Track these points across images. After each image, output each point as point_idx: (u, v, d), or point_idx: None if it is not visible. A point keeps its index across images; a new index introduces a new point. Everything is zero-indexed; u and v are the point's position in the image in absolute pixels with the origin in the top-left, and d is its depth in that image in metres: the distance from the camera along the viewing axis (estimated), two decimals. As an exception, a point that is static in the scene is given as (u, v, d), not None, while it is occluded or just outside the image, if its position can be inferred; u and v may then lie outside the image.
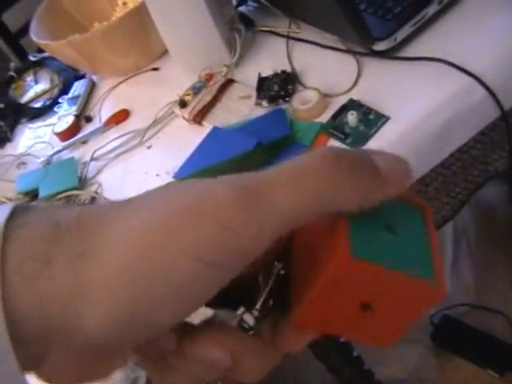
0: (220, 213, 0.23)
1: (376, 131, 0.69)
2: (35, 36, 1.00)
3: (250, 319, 0.28)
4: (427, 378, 1.38)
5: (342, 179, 0.24)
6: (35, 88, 1.18)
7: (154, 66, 1.03)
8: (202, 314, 0.28)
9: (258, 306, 0.28)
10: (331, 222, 0.26)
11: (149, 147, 0.86)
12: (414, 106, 0.70)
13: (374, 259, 0.24)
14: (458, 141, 0.71)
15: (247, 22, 0.94)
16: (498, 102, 0.68)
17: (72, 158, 0.89)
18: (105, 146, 0.89)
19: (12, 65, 1.30)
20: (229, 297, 0.28)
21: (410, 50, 0.76)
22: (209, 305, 0.27)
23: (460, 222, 1.61)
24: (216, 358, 0.27)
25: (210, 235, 0.23)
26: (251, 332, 0.28)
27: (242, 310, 0.28)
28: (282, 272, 0.29)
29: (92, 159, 0.88)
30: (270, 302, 0.29)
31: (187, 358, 0.27)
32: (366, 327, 0.27)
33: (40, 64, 1.23)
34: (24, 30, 1.88)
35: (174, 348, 0.27)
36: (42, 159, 0.92)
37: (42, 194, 0.83)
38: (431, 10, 0.76)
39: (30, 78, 1.22)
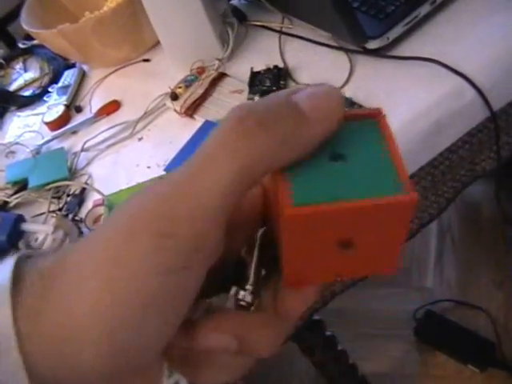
0: (153, 224, 0.23)
1: (367, 129, 0.70)
2: (25, 24, 0.99)
3: (245, 296, 0.28)
4: (410, 372, 1.39)
5: (250, 137, 0.22)
6: (24, 76, 1.17)
7: (145, 57, 1.03)
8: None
9: (250, 281, 0.28)
10: (272, 178, 0.24)
11: (140, 139, 0.86)
12: (405, 104, 0.70)
13: (322, 198, 0.23)
14: (447, 140, 0.72)
15: (240, 16, 0.94)
16: (487, 103, 0.69)
17: (62, 148, 0.89)
18: (95, 136, 0.89)
19: (0, 52, 1.29)
20: (222, 281, 0.28)
21: (402, 50, 0.76)
22: (203, 296, 0.27)
23: (445, 220, 1.63)
24: (220, 344, 0.26)
25: (155, 247, 0.23)
26: (252, 308, 0.28)
27: (234, 289, 0.28)
28: (259, 234, 0.28)
29: (82, 150, 0.87)
30: (263, 272, 0.28)
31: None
32: (356, 262, 0.26)
33: (29, 52, 1.22)
34: (11, 16, 1.86)
35: (188, 344, 0.27)
36: (31, 148, 0.92)
37: (32, 184, 0.83)
38: (423, 10, 0.77)
39: (18, 66, 1.21)
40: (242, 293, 0.28)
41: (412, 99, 0.70)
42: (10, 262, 0.24)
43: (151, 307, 0.23)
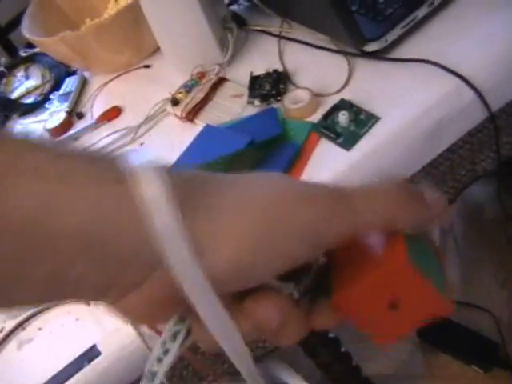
0: (322, 208, 0.28)
1: (367, 131, 0.70)
2: (27, 32, 1.00)
3: (297, 293, 0.32)
4: (414, 374, 1.39)
5: (404, 203, 0.30)
6: (26, 84, 1.17)
7: (146, 63, 1.03)
8: None
9: (305, 284, 0.33)
10: (388, 233, 0.31)
11: (141, 144, 0.87)
12: (405, 106, 0.71)
13: (419, 266, 0.30)
14: (446, 141, 0.73)
15: (239, 21, 0.95)
16: (486, 103, 0.70)
17: (64, 154, 0.89)
18: (97, 142, 0.89)
19: (2, 60, 1.30)
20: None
21: (401, 52, 0.77)
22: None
23: (446, 220, 1.63)
24: (271, 317, 0.30)
25: (314, 223, 0.28)
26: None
27: (292, 284, 0.32)
28: (322, 261, 0.34)
29: (84, 156, 0.88)
30: (311, 286, 0.33)
31: (238, 315, 0.30)
32: (383, 325, 0.32)
33: (31, 60, 1.22)
34: (12, 24, 1.87)
35: (226, 305, 0.30)
36: (34, 155, 0.92)
37: (35, 190, 0.83)
38: (421, 12, 0.77)
39: (20, 74, 1.22)
40: (296, 289, 0.33)
41: (411, 101, 0.71)
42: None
43: (283, 258, 0.29)
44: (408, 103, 0.71)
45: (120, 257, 0.26)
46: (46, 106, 1.07)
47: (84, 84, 1.08)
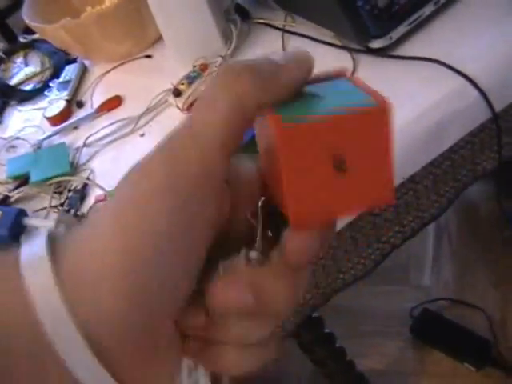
0: (164, 160, 0.26)
1: (370, 128, 0.70)
2: (27, 18, 0.99)
3: (254, 254, 0.28)
4: (406, 370, 1.40)
5: (240, 80, 0.26)
6: (25, 70, 1.16)
7: (147, 53, 1.03)
8: None
9: (257, 240, 0.29)
10: (263, 120, 0.27)
11: (141, 135, 0.87)
12: (408, 104, 0.70)
13: (307, 117, 0.26)
14: (449, 140, 0.72)
15: (243, 13, 0.94)
16: (489, 103, 0.69)
17: (63, 143, 0.89)
18: (97, 132, 0.89)
19: (0, 45, 1.29)
20: (231, 248, 0.29)
21: (406, 49, 0.76)
22: (215, 260, 0.28)
23: (442, 219, 1.63)
24: (237, 299, 0.27)
25: (167, 187, 0.25)
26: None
27: (244, 250, 0.28)
28: (261, 201, 0.29)
29: (84, 145, 0.88)
30: (269, 234, 0.29)
31: (218, 322, 0.28)
32: (353, 190, 0.27)
33: (30, 46, 1.21)
34: (10, 9, 1.85)
35: (203, 321, 0.27)
36: (33, 143, 0.92)
37: (34, 178, 0.83)
38: (427, 10, 0.77)
39: (19, 60, 1.21)
40: (251, 252, 0.28)
41: (415, 99, 0.70)
42: (42, 236, 0.25)
43: (165, 246, 0.24)
44: (411, 101, 0.70)
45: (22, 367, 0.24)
46: (46, 93, 1.06)
47: (84, 72, 1.07)
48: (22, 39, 1.23)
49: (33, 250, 0.25)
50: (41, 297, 0.23)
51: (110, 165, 0.84)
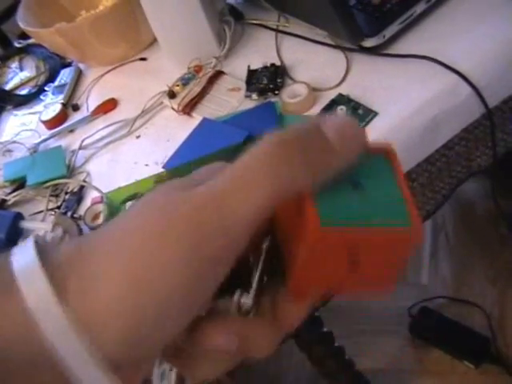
0: (190, 232, 0.24)
1: (364, 126, 0.70)
2: (22, 23, 0.99)
3: (247, 300, 0.29)
4: (405, 368, 1.40)
5: (290, 163, 0.25)
6: (20, 75, 1.17)
7: (142, 55, 1.03)
8: None
9: (253, 286, 0.29)
10: (298, 199, 0.26)
11: (137, 137, 0.87)
12: (402, 102, 0.71)
13: (345, 222, 0.26)
14: (443, 137, 0.73)
15: (237, 14, 0.95)
16: (483, 100, 0.70)
17: (60, 146, 0.89)
18: (93, 135, 0.89)
19: (-5, 51, 1.29)
20: (228, 284, 0.29)
21: (399, 48, 0.77)
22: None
23: (439, 217, 1.64)
24: (222, 344, 0.28)
25: (189, 251, 0.24)
26: (251, 314, 0.29)
27: (238, 293, 0.29)
28: (266, 245, 0.30)
29: (80, 148, 0.88)
30: (265, 278, 0.30)
31: (195, 352, 0.29)
32: (357, 279, 0.28)
33: (25, 51, 1.22)
34: (5, 15, 1.85)
35: (184, 340, 0.28)
36: (29, 147, 0.92)
37: (30, 182, 0.83)
38: (419, 8, 0.77)
39: (14, 65, 1.21)
40: (244, 297, 0.29)
41: (408, 96, 0.71)
42: (29, 244, 0.25)
43: (173, 304, 0.25)
44: (405, 99, 0.71)
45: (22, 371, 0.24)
46: (41, 97, 1.06)
47: (79, 76, 1.07)
48: (16, 44, 1.24)
49: (25, 259, 0.25)
50: (38, 303, 0.24)
51: (107, 167, 0.84)
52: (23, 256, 0.25)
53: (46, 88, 1.07)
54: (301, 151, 0.25)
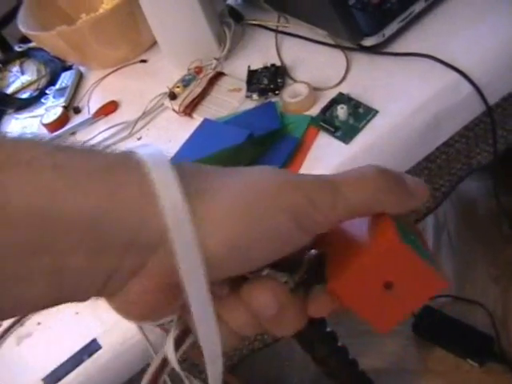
0: (309, 191, 0.29)
1: (365, 125, 0.71)
2: (23, 26, 1.00)
3: (292, 282, 0.33)
4: (408, 368, 1.40)
5: (389, 188, 0.31)
6: (21, 79, 1.17)
7: (142, 57, 1.03)
8: None
9: (299, 274, 0.34)
10: (375, 216, 0.32)
11: (139, 139, 0.87)
12: (402, 100, 0.71)
13: (409, 245, 0.30)
14: (443, 135, 0.73)
15: (236, 15, 0.95)
16: (483, 97, 0.70)
17: (61, 149, 0.89)
18: (94, 137, 0.89)
19: (-4, 55, 1.30)
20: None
21: (398, 46, 0.77)
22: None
23: (441, 215, 1.64)
24: (267, 304, 0.31)
25: (301, 204, 0.29)
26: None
27: (287, 273, 0.33)
28: (313, 253, 0.35)
29: (82, 150, 0.88)
30: (305, 276, 0.34)
31: (236, 306, 0.32)
32: (381, 308, 0.32)
33: (26, 55, 1.22)
34: (6, 19, 1.86)
35: (224, 295, 0.31)
36: (31, 150, 0.92)
37: (32, 184, 0.83)
38: (418, 6, 0.78)
39: (15, 69, 1.22)
40: (291, 278, 0.33)
41: (409, 95, 0.71)
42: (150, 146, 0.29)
43: (273, 237, 0.29)
44: (406, 97, 0.71)
45: (120, 241, 0.26)
46: (42, 100, 1.07)
47: (80, 79, 1.08)
48: (17, 48, 1.24)
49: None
50: (164, 192, 0.26)
51: (108, 169, 0.84)
52: (149, 149, 0.28)
53: (47, 91, 1.08)
54: (396, 184, 0.31)
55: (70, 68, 1.10)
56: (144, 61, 1.03)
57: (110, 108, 0.95)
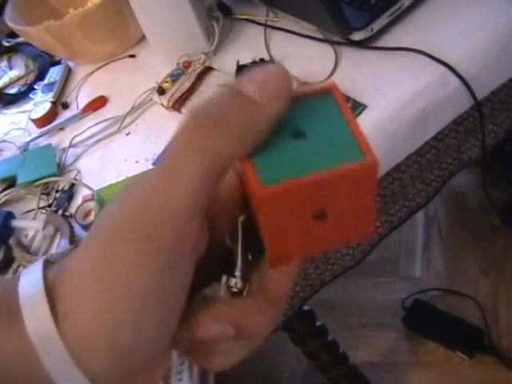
0: (137, 231, 0.25)
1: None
2: (10, 21, 0.99)
3: (236, 283, 0.29)
4: (399, 361, 1.41)
5: (209, 137, 0.24)
6: (9, 74, 1.16)
7: (131, 52, 1.03)
8: None
9: (238, 263, 0.29)
10: (240, 163, 0.26)
11: (127, 134, 0.87)
12: (391, 94, 0.71)
13: (289, 174, 0.24)
14: (432, 129, 0.73)
15: (225, 10, 0.95)
16: (471, 91, 0.70)
17: (50, 144, 0.89)
18: (83, 132, 0.89)
19: (-16, 50, 1.28)
20: (213, 270, 0.29)
21: (387, 40, 0.77)
22: (198, 286, 0.28)
23: (431, 209, 1.65)
24: (219, 333, 0.28)
25: (141, 252, 0.24)
26: (244, 293, 0.29)
27: (224, 278, 0.29)
28: (241, 220, 0.29)
29: (70, 146, 0.88)
30: (249, 257, 0.29)
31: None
32: (333, 232, 0.27)
33: (14, 49, 1.21)
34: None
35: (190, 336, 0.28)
36: (19, 145, 0.91)
37: (20, 180, 0.83)
38: (407, 1, 0.77)
39: (3, 64, 1.21)
40: (232, 280, 0.29)
41: (397, 89, 0.71)
42: (39, 267, 0.26)
43: (146, 308, 0.25)
44: (394, 91, 0.71)
45: None
46: (31, 96, 1.06)
47: (69, 74, 1.07)
48: (5, 43, 1.23)
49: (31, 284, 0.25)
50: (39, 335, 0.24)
51: (97, 164, 0.84)
52: (30, 279, 0.26)
53: (35, 86, 1.07)
54: (217, 120, 0.24)
55: (58, 63, 1.10)
56: (132, 56, 1.02)
57: (98, 103, 0.94)
